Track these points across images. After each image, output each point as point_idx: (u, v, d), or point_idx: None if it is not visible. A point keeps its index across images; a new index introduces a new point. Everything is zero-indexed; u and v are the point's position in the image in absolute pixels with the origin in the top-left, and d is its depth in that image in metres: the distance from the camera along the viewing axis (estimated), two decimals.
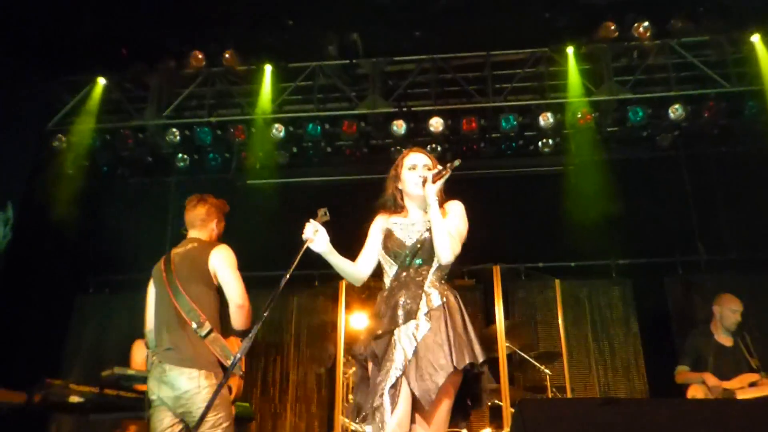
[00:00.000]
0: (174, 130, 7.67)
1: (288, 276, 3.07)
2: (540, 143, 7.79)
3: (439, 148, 7.64)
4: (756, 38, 7.12)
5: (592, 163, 7.55)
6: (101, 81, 7.77)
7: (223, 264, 3.86)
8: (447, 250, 3.06)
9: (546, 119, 7.36)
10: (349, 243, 3.50)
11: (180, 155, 8.06)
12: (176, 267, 3.92)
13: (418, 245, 3.17)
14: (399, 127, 7.43)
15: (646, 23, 7.22)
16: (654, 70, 7.43)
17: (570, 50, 7.37)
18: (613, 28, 7.27)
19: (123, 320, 7.71)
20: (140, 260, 7.95)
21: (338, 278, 7.60)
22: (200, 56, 7.73)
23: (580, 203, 7.21)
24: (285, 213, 7.85)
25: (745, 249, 7.19)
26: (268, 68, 7.64)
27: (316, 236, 3.11)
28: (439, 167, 3.21)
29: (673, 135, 7.55)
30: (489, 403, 6.39)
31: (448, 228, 3.11)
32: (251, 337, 2.85)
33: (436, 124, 7.39)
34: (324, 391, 7.32)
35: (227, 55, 7.69)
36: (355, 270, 3.30)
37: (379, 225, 3.36)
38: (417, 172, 3.28)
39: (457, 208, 3.25)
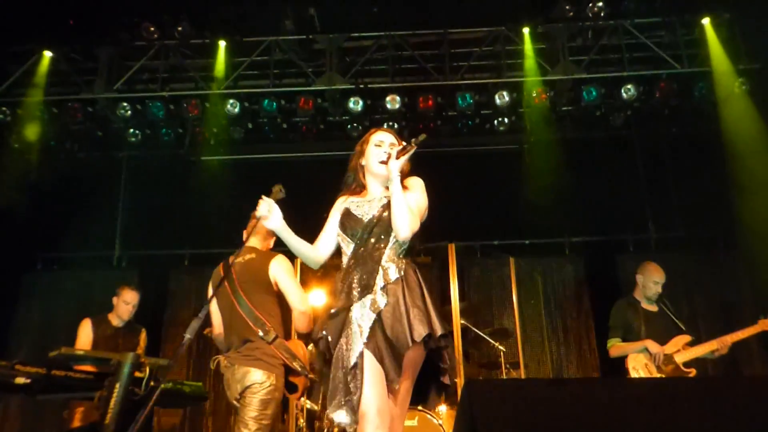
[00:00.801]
0: (125, 104, 7.41)
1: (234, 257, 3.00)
2: (496, 122, 7.78)
3: (395, 126, 7.57)
4: (706, 21, 7.20)
5: (547, 141, 7.57)
6: (47, 54, 7.47)
7: (282, 273, 4.12)
8: (405, 226, 2.99)
9: (502, 98, 7.34)
10: (305, 220, 3.44)
11: (131, 130, 7.80)
12: (238, 276, 4.13)
13: (375, 221, 3.10)
14: (356, 104, 7.34)
15: (601, 3, 7.24)
16: (608, 50, 7.48)
17: (526, 30, 7.34)
18: (568, 7, 7.27)
19: (72, 299, 7.53)
20: (91, 237, 7.80)
21: (293, 256, 7.56)
22: (152, 28, 7.48)
23: (535, 181, 7.26)
24: (240, 189, 7.70)
25: (693, 228, 7.32)
26: (222, 43, 7.44)
27: (270, 213, 3.08)
28: (404, 143, 3.16)
29: (626, 115, 7.63)
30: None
31: (409, 203, 3.06)
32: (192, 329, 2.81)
33: (393, 101, 7.32)
34: None
35: (180, 28, 7.47)
36: (312, 252, 3.23)
37: (338, 207, 3.29)
38: (383, 149, 3.23)
39: (417, 184, 3.21)
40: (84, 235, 7.55)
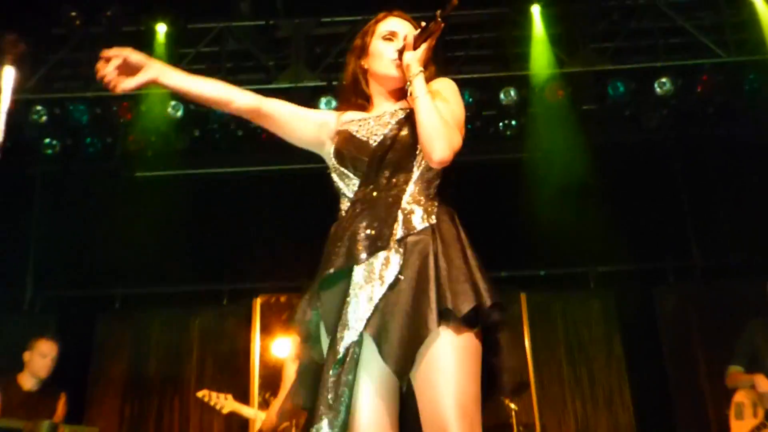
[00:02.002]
0: (39, 107, 7.30)
1: None
2: (501, 125, 7.78)
3: None
4: None
5: (565, 148, 7.56)
6: None
7: None
8: (441, 142, 2.43)
9: (508, 95, 7.33)
10: (271, 246, 3.35)
11: (48, 140, 7.68)
12: None
13: (389, 142, 2.56)
14: (328, 104, 7.28)
15: None
16: (638, 35, 7.48)
17: (536, 10, 7.33)
18: None
19: None
20: None
21: (252, 294, 7.50)
22: (74, 13, 7.42)
23: (550, 198, 7.21)
24: (184, 213, 7.63)
25: (748, 252, 7.30)
26: (161, 28, 7.40)
27: (135, 63, 2.47)
28: (424, 24, 2.57)
29: (661, 114, 7.61)
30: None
31: (441, 111, 2.52)
32: None
33: None
34: None
35: (109, 13, 7.42)
36: (239, 93, 2.66)
37: (333, 118, 2.76)
38: (396, 45, 2.69)
39: (448, 86, 2.70)
40: None
